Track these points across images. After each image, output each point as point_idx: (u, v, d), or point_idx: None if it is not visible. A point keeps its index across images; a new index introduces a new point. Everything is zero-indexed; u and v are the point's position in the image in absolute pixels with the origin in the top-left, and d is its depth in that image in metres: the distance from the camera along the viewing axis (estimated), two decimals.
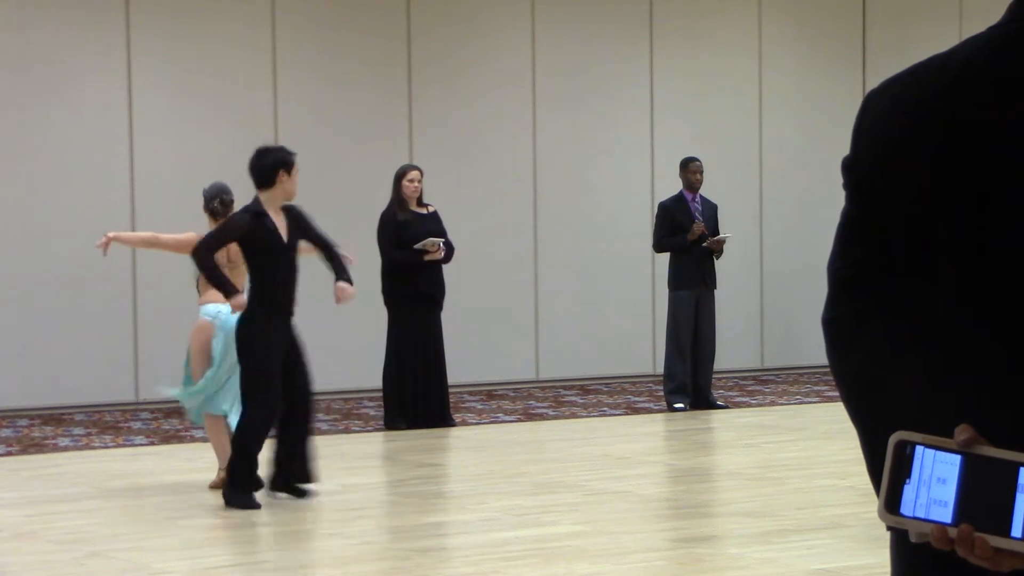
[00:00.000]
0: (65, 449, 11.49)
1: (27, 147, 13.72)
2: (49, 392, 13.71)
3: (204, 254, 8.92)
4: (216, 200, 9.65)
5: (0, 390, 13.55)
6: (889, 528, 2.00)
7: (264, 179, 9.11)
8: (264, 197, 9.09)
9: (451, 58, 15.47)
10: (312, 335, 14.57)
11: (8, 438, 12.08)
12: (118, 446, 11.64)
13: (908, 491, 1.92)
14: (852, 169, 2.25)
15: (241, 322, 8.91)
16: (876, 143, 2.21)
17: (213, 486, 9.32)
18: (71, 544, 7.68)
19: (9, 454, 11.24)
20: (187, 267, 9.56)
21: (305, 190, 14.69)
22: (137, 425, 12.81)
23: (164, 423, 12.82)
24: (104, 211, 14.02)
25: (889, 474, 1.93)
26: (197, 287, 9.62)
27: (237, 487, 8.72)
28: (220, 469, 9.29)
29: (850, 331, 2.21)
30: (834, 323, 2.24)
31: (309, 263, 14.39)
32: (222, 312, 9.37)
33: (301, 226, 9.29)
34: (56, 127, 13.84)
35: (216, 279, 8.92)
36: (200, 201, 9.91)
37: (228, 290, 8.91)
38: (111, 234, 9.85)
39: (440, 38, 15.42)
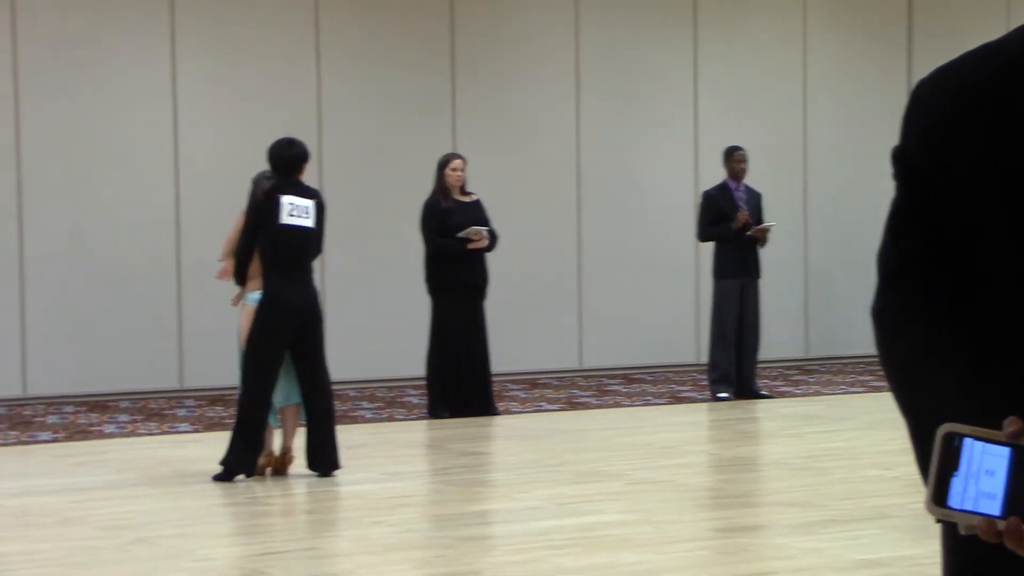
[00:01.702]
0: (111, 436, 11.56)
1: (72, 137, 13.79)
2: (95, 379, 13.79)
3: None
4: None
5: (46, 377, 13.65)
6: (938, 520, 1.98)
7: (294, 168, 9.24)
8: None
9: (494, 48, 15.46)
10: (356, 324, 14.64)
11: (54, 425, 12.16)
12: (163, 433, 11.70)
13: (956, 483, 1.91)
14: (902, 159, 2.24)
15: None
16: (926, 133, 2.20)
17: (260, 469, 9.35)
18: (116, 530, 7.72)
19: (55, 440, 11.31)
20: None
21: (348, 178, 14.77)
22: (182, 412, 12.86)
23: (208, 410, 12.86)
24: (149, 199, 14.10)
25: (937, 466, 1.92)
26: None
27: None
28: (262, 455, 9.33)
29: (898, 321, 2.19)
30: (883, 313, 2.22)
31: (365, 254, 14.43)
32: None
33: None
34: (100, 116, 13.90)
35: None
36: (245, 188, 9.93)
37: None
38: (223, 263, 9.79)
39: (484, 27, 15.40)
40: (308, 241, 9.27)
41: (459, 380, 12.42)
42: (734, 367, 13.53)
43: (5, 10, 13.54)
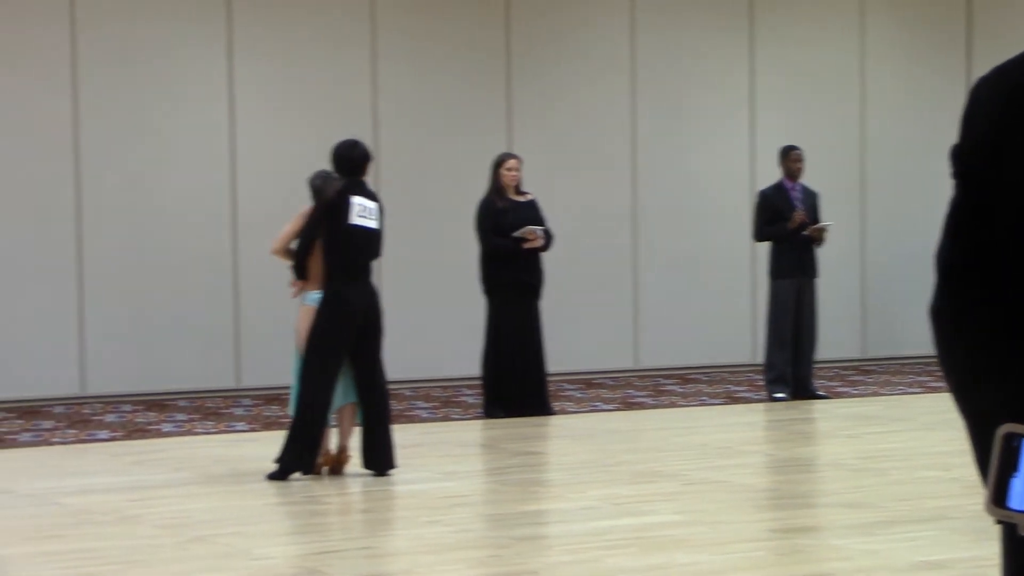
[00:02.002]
0: (168, 435, 11.62)
1: (131, 138, 13.88)
2: (153, 378, 13.88)
3: None
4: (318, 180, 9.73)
5: (105, 376, 13.74)
6: (998, 522, 1.97)
7: (359, 169, 9.25)
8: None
9: (550, 47, 15.45)
10: (412, 323, 14.66)
11: (112, 423, 12.24)
12: (220, 432, 11.75)
13: (1016, 484, 1.89)
14: (960, 158, 2.22)
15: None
16: (985, 131, 2.18)
17: (319, 467, 9.40)
18: (174, 529, 7.76)
19: (113, 439, 11.38)
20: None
21: (404, 178, 14.79)
22: (239, 411, 12.92)
23: (265, 409, 12.92)
24: (206, 199, 14.18)
25: (996, 467, 1.90)
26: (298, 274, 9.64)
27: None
28: (319, 454, 9.38)
29: (957, 322, 2.18)
30: (941, 313, 2.21)
31: (421, 254, 14.45)
32: None
33: None
34: (158, 118, 13.99)
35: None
36: (300, 189, 9.99)
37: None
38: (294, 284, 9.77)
39: (539, 27, 15.40)
40: (372, 242, 9.32)
41: (514, 380, 12.41)
42: (790, 367, 13.46)
43: (65, 12, 13.64)
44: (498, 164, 12.51)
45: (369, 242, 9.29)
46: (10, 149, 13.47)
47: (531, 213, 12.48)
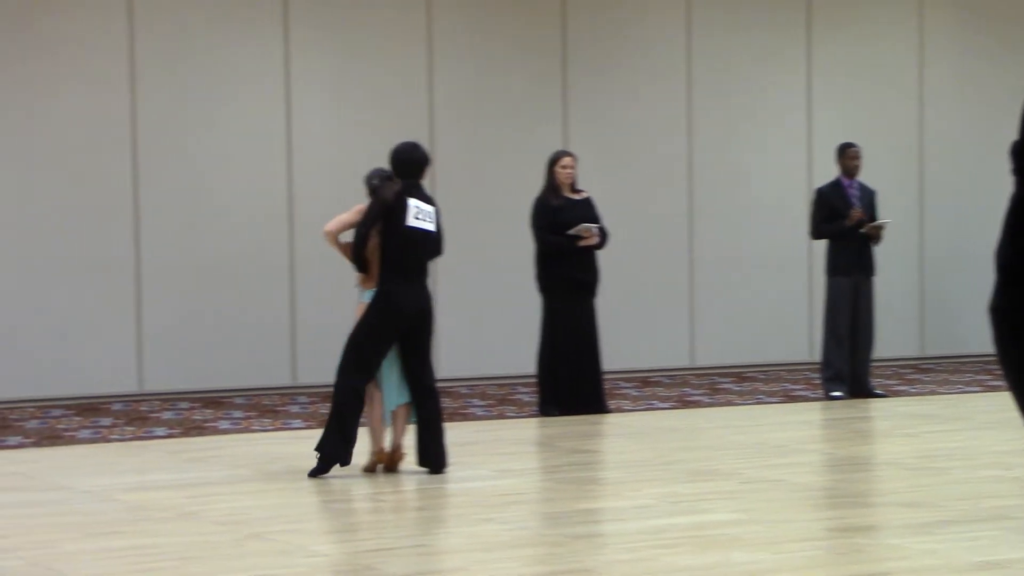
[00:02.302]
0: (225, 432, 11.67)
1: (187, 136, 13.95)
2: (209, 376, 13.95)
3: None
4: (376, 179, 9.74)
5: (162, 374, 13.82)
6: None
7: (416, 172, 9.27)
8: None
9: (606, 45, 15.43)
10: (468, 321, 14.67)
11: (170, 421, 12.30)
12: (276, 429, 11.79)
13: None
14: (1019, 155, 2.20)
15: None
16: None
17: (366, 469, 9.43)
18: (230, 526, 7.79)
19: (171, 436, 11.44)
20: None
21: (460, 176, 14.80)
22: (295, 409, 12.96)
23: (321, 407, 12.95)
24: (263, 197, 14.23)
25: None
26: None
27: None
28: (373, 452, 9.42)
29: (1016, 320, 2.15)
30: (1001, 312, 2.18)
31: (477, 252, 14.45)
32: None
33: None
34: (215, 116, 14.06)
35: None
36: (357, 187, 10.01)
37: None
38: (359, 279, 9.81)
39: (595, 26, 15.38)
40: (428, 244, 9.33)
41: (570, 378, 12.40)
42: (848, 365, 13.40)
43: (122, 11, 13.72)
44: (553, 162, 12.50)
45: (425, 244, 9.30)
46: (69, 147, 13.57)
47: (586, 211, 12.46)
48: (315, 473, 9.21)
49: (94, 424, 12.15)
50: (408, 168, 9.38)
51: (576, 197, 12.50)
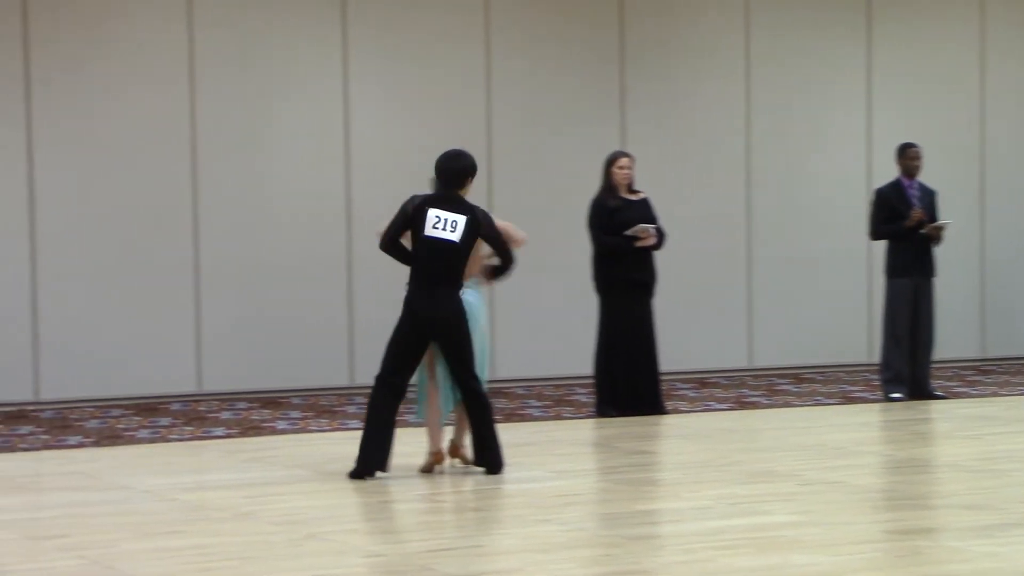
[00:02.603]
0: (282, 432, 11.71)
1: (246, 138, 14.01)
2: (267, 376, 14.00)
3: None
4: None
5: (220, 374, 13.88)
6: None
7: (454, 182, 9.33)
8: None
9: (664, 45, 15.39)
10: (525, 322, 14.66)
11: (227, 421, 12.35)
12: (334, 430, 11.82)
13: None
14: None
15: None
16: None
17: (423, 470, 9.45)
18: (288, 526, 7.81)
19: (228, 436, 11.49)
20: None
21: (517, 177, 14.79)
22: (352, 409, 12.99)
23: None
24: (321, 199, 14.27)
25: None
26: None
27: None
28: (431, 453, 9.45)
29: None
30: None
31: (534, 253, 14.43)
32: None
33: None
34: (275, 119, 14.11)
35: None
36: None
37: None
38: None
39: (653, 26, 15.34)
40: (447, 254, 9.27)
41: (627, 378, 12.36)
42: (908, 367, 13.30)
43: (182, 13, 13.78)
44: (610, 162, 12.47)
45: (442, 254, 9.27)
46: (129, 149, 13.64)
47: (644, 211, 12.43)
48: (354, 475, 9.26)
49: (153, 424, 12.22)
50: (446, 177, 9.40)
51: (633, 198, 12.47)
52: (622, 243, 12.26)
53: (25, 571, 6.87)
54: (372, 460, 9.27)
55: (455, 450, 9.62)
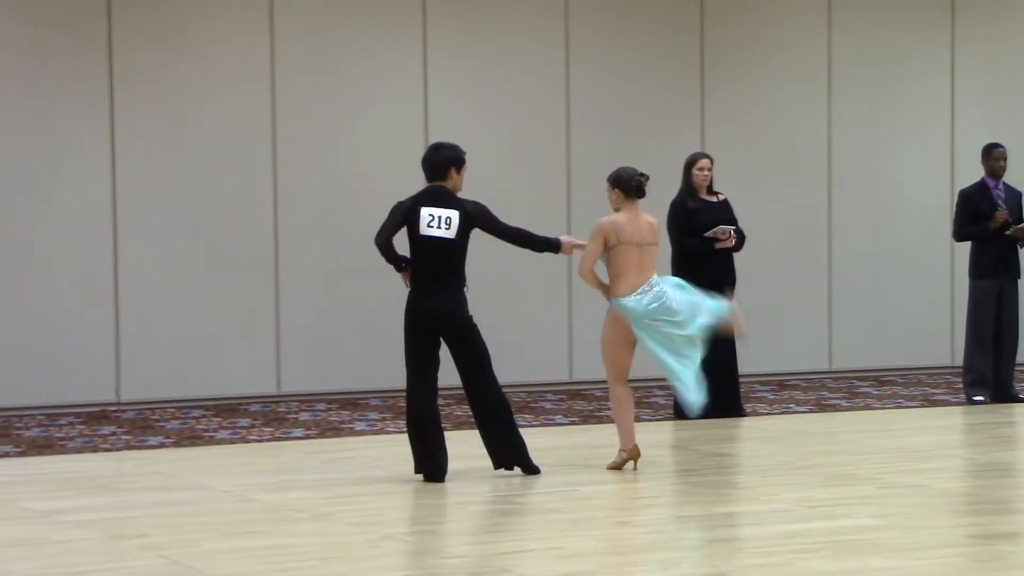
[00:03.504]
0: (361, 433, 11.76)
1: (328, 144, 14.09)
2: (346, 378, 14.06)
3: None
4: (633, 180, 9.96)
5: (299, 375, 13.96)
6: None
7: (436, 173, 9.42)
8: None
9: (745, 48, 15.32)
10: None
11: (306, 422, 12.42)
12: None
13: None
14: None
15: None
16: None
17: (612, 467, 9.58)
18: (366, 527, 7.84)
19: (308, 438, 11.55)
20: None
21: (596, 179, 14.75)
22: None
23: (457, 409, 12.99)
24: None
25: None
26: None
27: None
28: (623, 450, 9.62)
29: None
30: None
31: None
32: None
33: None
34: (355, 124, 14.17)
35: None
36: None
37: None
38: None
39: (734, 28, 15.28)
40: (444, 252, 9.29)
41: (706, 381, 12.30)
42: (991, 370, 13.17)
43: (265, 22, 13.87)
44: (690, 164, 12.44)
45: (439, 252, 9.28)
46: (211, 153, 13.75)
47: (724, 213, 12.38)
48: (429, 479, 9.29)
49: (232, 425, 12.30)
50: (428, 169, 9.50)
51: (713, 199, 12.43)
52: (702, 245, 12.22)
53: (107, 571, 6.94)
54: (422, 467, 9.27)
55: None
